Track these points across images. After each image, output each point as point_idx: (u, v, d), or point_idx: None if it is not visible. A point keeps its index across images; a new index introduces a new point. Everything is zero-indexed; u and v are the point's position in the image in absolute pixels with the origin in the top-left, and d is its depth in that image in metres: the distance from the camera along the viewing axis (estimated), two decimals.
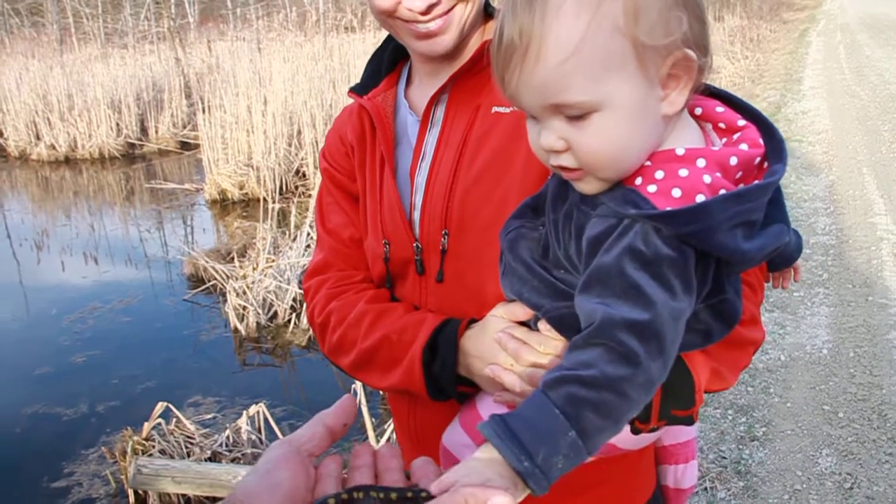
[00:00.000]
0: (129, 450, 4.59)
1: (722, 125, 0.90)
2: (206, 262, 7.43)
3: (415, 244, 1.23)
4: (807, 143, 9.89)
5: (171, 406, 4.69)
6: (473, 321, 1.13)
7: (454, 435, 1.15)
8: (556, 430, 0.75)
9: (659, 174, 0.82)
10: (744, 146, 0.85)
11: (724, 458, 3.62)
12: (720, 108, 0.90)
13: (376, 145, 1.30)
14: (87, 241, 9.55)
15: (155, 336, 6.74)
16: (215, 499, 4.31)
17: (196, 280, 7.58)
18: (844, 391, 4.15)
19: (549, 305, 0.95)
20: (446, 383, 1.13)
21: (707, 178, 0.81)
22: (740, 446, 3.71)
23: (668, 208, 0.79)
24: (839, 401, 4.06)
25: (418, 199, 1.24)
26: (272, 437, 4.66)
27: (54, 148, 13.79)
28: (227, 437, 4.70)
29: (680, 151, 0.83)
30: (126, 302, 7.34)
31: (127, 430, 4.76)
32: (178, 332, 6.73)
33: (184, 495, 4.35)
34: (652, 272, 0.80)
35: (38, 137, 14.10)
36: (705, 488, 3.39)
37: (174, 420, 4.75)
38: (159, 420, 4.68)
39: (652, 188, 0.82)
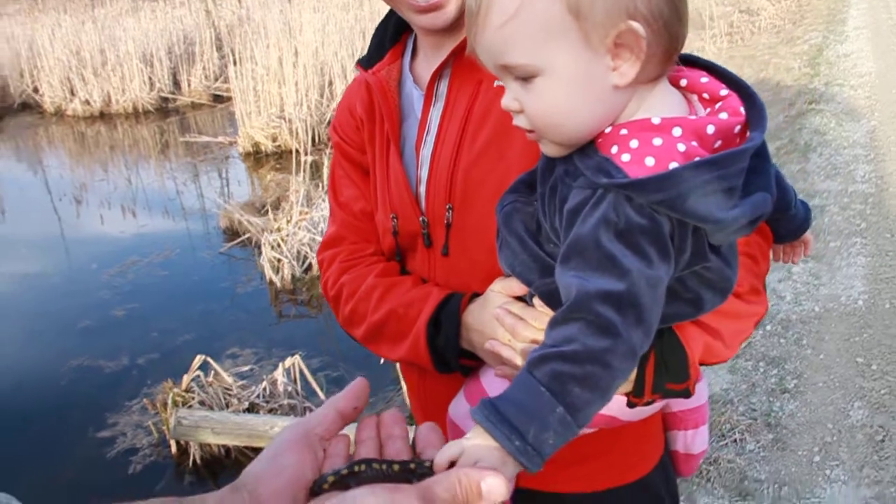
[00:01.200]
0: (169, 401, 4.73)
1: (706, 95, 0.89)
2: (241, 215, 7.51)
3: (421, 218, 1.24)
4: (848, 87, 9.62)
5: (209, 359, 4.81)
6: (476, 295, 1.15)
7: (459, 406, 1.19)
8: (543, 407, 0.76)
9: (633, 143, 0.83)
10: (724, 115, 0.85)
11: (755, 409, 3.63)
12: (704, 79, 0.89)
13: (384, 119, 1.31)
14: (125, 194, 9.69)
15: (192, 289, 6.87)
16: (254, 449, 4.44)
17: (231, 233, 7.68)
18: (879, 343, 4.12)
19: (539, 281, 0.96)
20: (450, 357, 1.16)
21: (681, 147, 0.81)
22: (771, 398, 3.72)
23: (639, 177, 0.80)
24: (873, 353, 4.03)
25: (424, 173, 1.25)
26: (308, 388, 4.76)
27: (89, 103, 13.92)
28: (265, 389, 4.81)
29: (656, 121, 0.83)
30: (163, 255, 7.47)
31: (167, 383, 4.89)
32: (215, 284, 6.85)
33: (223, 446, 4.48)
34: (626, 241, 0.80)
35: (72, 93, 14.22)
36: (735, 440, 3.41)
37: (212, 372, 4.87)
38: (198, 372, 4.80)
39: (626, 157, 0.82)
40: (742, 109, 0.86)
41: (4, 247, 8.29)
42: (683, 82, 0.90)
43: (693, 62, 0.92)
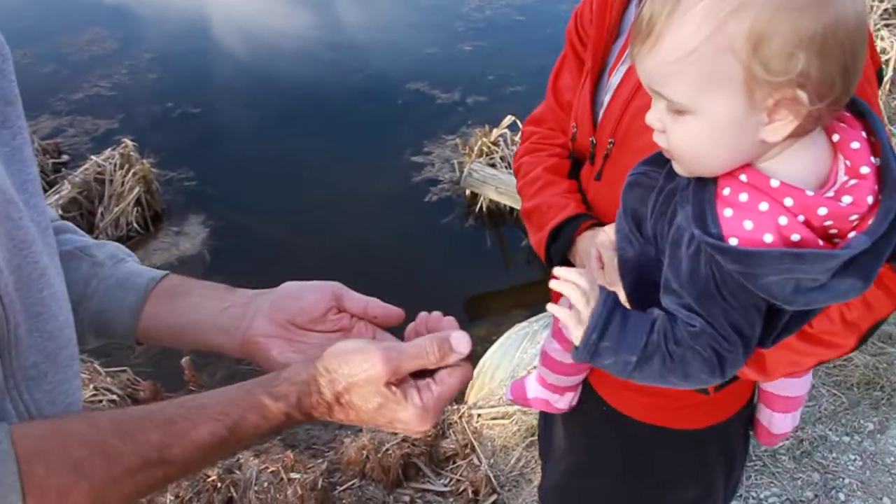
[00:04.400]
0: (476, 148, 5.09)
1: (848, 163, 0.83)
2: None
3: (591, 139, 1.30)
4: None
5: (518, 121, 5.01)
6: (598, 224, 1.26)
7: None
8: (629, 346, 0.89)
9: (743, 197, 0.83)
10: (847, 199, 0.80)
11: None
12: (856, 144, 0.83)
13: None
14: None
15: (542, 39, 6.93)
16: None
17: None
18: None
19: (622, 249, 1.04)
20: (556, 264, 1.28)
21: (783, 220, 0.80)
22: None
23: (723, 243, 0.82)
24: None
25: (606, 100, 1.27)
26: None
27: None
28: None
29: (774, 183, 0.81)
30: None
31: (482, 129, 5.23)
32: (562, 40, 6.84)
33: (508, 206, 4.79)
34: (725, 292, 0.86)
35: None
36: None
37: (519, 133, 5.08)
38: (505, 130, 5.06)
39: (728, 212, 0.83)
40: (870, 199, 0.80)
41: None
42: (836, 137, 0.85)
43: (859, 111, 0.86)
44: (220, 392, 0.81)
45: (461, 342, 0.85)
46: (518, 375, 3.04)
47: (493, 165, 4.86)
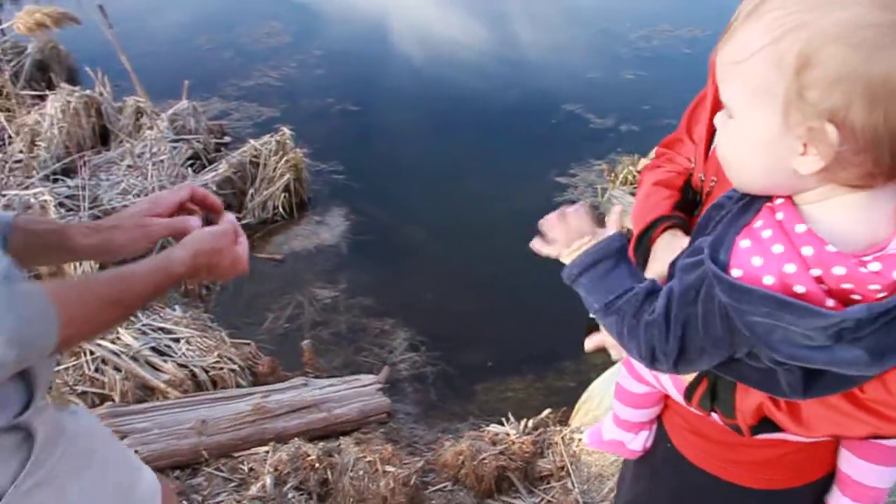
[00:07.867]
0: (621, 175, 5.01)
1: None
2: None
3: (699, 175, 1.29)
4: None
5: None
6: (678, 224, 1.30)
7: None
8: (598, 295, 0.97)
9: (766, 234, 0.81)
10: (876, 266, 0.76)
11: None
12: None
13: None
14: None
15: (704, 74, 6.71)
16: None
17: None
18: None
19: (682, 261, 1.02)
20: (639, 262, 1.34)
21: (790, 268, 0.78)
22: None
23: (720, 272, 0.82)
24: None
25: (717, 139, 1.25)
26: None
27: None
28: None
29: (800, 228, 0.79)
30: (694, 32, 7.38)
31: (631, 157, 5.16)
32: None
33: None
34: (703, 309, 0.87)
35: None
36: None
37: None
38: None
39: (745, 243, 0.82)
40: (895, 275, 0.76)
41: None
42: None
43: None
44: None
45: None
46: None
47: (634, 194, 4.76)
